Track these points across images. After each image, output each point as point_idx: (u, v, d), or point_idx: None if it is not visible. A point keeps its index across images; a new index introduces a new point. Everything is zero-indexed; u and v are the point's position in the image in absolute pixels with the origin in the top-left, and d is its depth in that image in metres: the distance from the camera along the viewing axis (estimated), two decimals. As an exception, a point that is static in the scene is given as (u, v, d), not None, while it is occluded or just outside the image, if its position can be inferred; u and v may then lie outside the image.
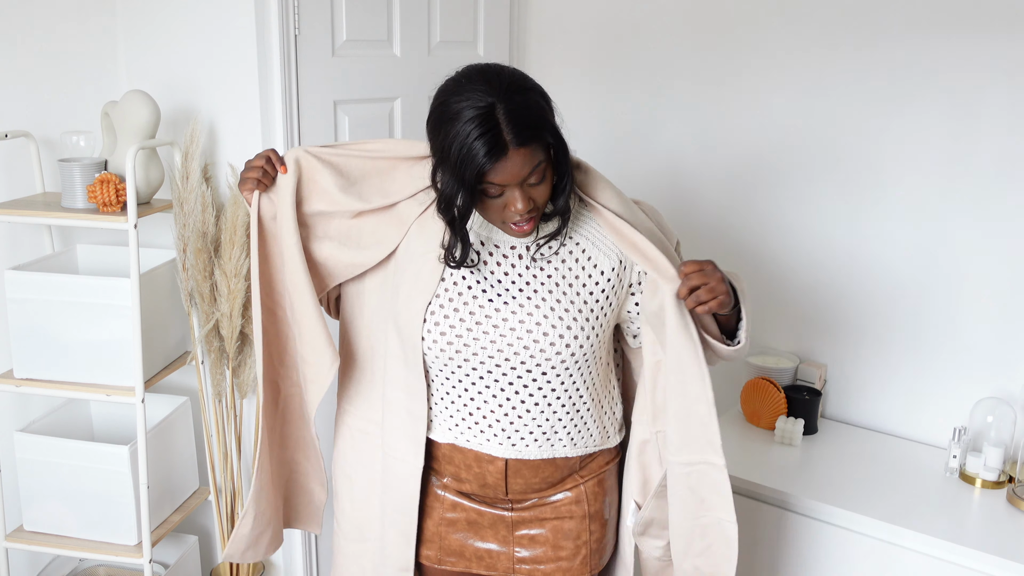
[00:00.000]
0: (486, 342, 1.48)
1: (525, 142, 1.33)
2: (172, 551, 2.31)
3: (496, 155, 1.32)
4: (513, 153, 1.33)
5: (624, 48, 2.61)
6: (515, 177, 1.35)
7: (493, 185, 1.36)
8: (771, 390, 2.31)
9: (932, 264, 2.22)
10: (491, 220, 1.44)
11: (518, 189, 1.37)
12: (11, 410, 2.20)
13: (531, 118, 1.35)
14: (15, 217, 1.98)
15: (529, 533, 1.61)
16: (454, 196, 1.38)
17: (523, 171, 1.35)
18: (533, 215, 1.41)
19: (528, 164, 1.35)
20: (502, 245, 1.52)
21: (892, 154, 2.23)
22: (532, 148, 1.35)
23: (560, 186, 1.43)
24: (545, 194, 1.41)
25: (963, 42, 2.10)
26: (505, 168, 1.34)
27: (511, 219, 1.41)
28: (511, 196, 1.37)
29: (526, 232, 1.43)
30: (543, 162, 1.37)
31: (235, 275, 2.10)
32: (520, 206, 1.37)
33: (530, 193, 1.38)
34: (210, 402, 2.25)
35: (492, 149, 1.32)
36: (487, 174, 1.34)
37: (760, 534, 2.07)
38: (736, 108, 2.44)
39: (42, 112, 2.16)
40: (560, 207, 1.45)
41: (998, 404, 2.10)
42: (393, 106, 2.44)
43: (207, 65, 2.17)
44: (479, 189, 1.37)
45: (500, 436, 1.53)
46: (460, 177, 1.34)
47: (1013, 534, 1.89)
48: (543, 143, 1.36)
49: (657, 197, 2.62)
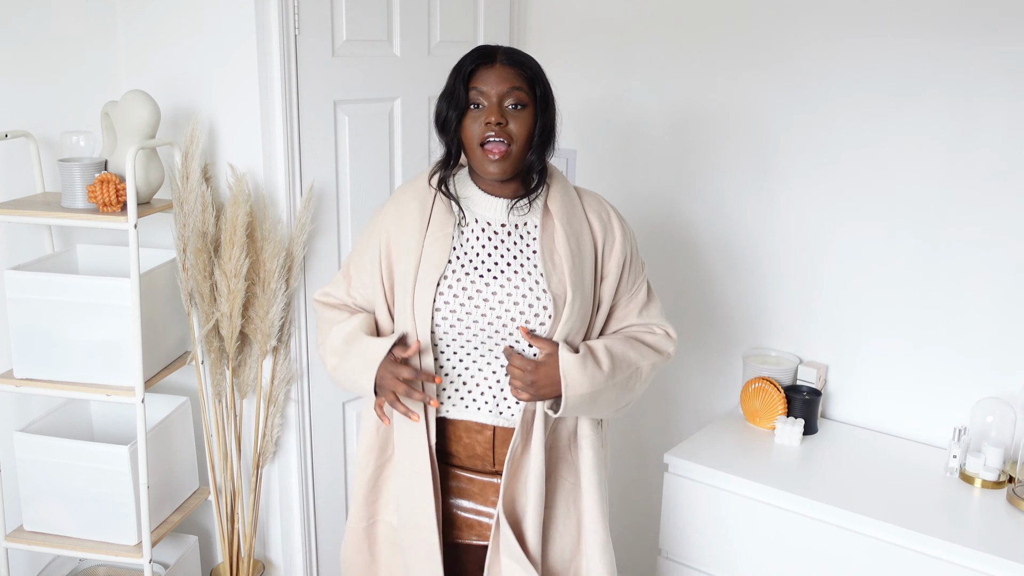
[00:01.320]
0: (485, 311, 1.59)
1: (511, 64, 1.56)
2: (172, 551, 2.31)
3: (484, 60, 1.56)
4: (499, 66, 1.55)
5: (624, 49, 2.61)
6: (496, 86, 1.54)
7: (476, 91, 1.54)
8: (771, 390, 2.31)
9: (932, 263, 2.22)
10: (471, 146, 1.57)
11: (496, 104, 1.54)
12: (11, 410, 2.20)
13: (523, 56, 1.59)
14: (15, 217, 1.98)
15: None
16: (446, 105, 1.57)
17: (503, 84, 1.54)
18: (505, 140, 1.54)
19: (510, 81, 1.54)
20: (493, 223, 1.64)
21: (892, 153, 2.23)
22: (516, 72, 1.55)
23: (538, 140, 1.58)
24: (522, 127, 1.55)
25: (963, 41, 2.10)
26: (489, 75, 1.55)
27: (485, 135, 1.54)
28: (489, 109, 1.54)
29: (496, 160, 1.55)
30: (523, 93, 1.55)
31: (235, 275, 2.10)
32: (493, 118, 1.53)
33: (507, 116, 1.54)
34: (210, 402, 2.25)
35: (482, 56, 1.57)
36: (473, 77, 1.55)
37: (760, 534, 2.07)
38: (735, 107, 2.44)
39: (42, 112, 2.16)
40: (533, 160, 1.59)
41: (998, 404, 2.10)
42: (393, 106, 2.44)
43: (207, 65, 2.17)
44: (465, 97, 1.55)
45: (490, 403, 1.64)
46: (452, 81, 1.57)
47: (1013, 534, 1.89)
48: (527, 77, 1.56)
49: (657, 197, 2.62)
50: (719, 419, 2.43)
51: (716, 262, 2.55)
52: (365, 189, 2.39)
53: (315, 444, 2.37)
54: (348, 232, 2.37)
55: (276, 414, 2.27)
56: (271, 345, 2.20)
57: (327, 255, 2.33)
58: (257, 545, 2.42)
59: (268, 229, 2.14)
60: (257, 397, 2.26)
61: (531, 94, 1.56)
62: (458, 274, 1.61)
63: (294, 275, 2.21)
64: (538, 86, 1.57)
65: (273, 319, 2.17)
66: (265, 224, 2.14)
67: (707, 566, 2.17)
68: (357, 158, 2.36)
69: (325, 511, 2.43)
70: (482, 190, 1.64)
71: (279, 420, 2.28)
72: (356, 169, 2.36)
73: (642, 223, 2.60)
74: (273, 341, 2.19)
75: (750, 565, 2.10)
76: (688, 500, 2.17)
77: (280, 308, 2.17)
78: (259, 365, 2.24)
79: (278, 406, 2.26)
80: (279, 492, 2.37)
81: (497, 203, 1.63)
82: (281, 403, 2.27)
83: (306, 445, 2.35)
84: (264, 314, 2.16)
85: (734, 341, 2.55)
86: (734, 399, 2.55)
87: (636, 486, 2.79)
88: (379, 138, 2.42)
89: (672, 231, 2.61)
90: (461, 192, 1.66)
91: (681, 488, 2.18)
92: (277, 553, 2.41)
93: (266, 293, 2.15)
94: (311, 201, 2.20)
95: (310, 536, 2.40)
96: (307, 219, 2.19)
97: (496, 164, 1.55)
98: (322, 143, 2.26)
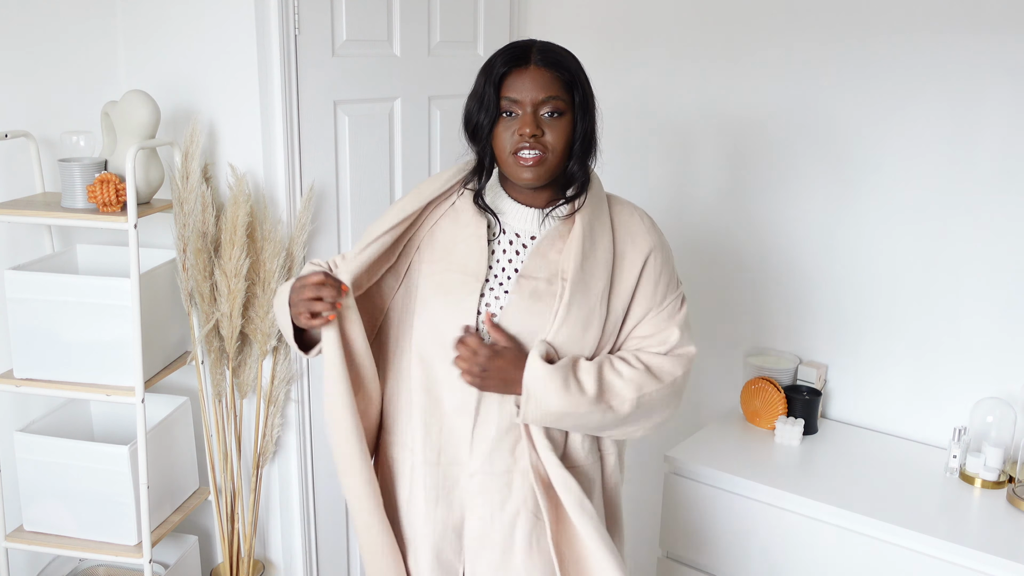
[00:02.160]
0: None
1: (547, 65, 1.41)
2: (172, 551, 2.31)
3: (517, 63, 1.41)
4: (534, 69, 1.41)
5: (624, 49, 2.62)
6: (529, 94, 1.40)
7: (508, 100, 1.41)
8: (771, 390, 2.31)
9: (932, 264, 2.22)
10: (503, 155, 1.44)
11: (531, 114, 1.40)
12: (11, 410, 2.20)
13: (561, 56, 1.43)
14: (15, 217, 1.98)
15: None
16: (476, 109, 1.44)
17: (538, 91, 1.40)
18: (540, 151, 1.42)
19: (545, 87, 1.40)
20: (522, 235, 1.52)
21: (893, 153, 2.23)
22: (553, 76, 1.41)
23: (576, 145, 1.45)
24: (559, 136, 1.42)
25: (964, 41, 2.10)
26: (523, 80, 1.40)
27: (517, 145, 1.41)
28: (523, 119, 1.41)
29: (530, 166, 1.42)
30: (560, 100, 1.41)
31: (235, 275, 2.10)
32: (528, 129, 1.40)
33: (542, 124, 1.41)
34: (210, 402, 2.25)
35: (515, 58, 1.42)
36: (505, 82, 1.41)
37: (760, 534, 2.07)
38: (735, 107, 2.45)
39: (42, 112, 2.16)
40: (574, 171, 1.47)
41: (998, 404, 2.10)
42: (393, 106, 2.44)
43: (207, 65, 2.17)
44: (497, 105, 1.42)
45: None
46: (483, 85, 1.43)
47: (1013, 534, 1.89)
48: (565, 80, 1.42)
49: (655, 198, 2.62)
50: (719, 419, 2.43)
51: (716, 263, 2.55)
52: (365, 189, 2.39)
53: (315, 444, 2.37)
54: (348, 232, 2.37)
55: (276, 414, 2.27)
56: (271, 345, 2.20)
57: (327, 255, 2.33)
58: (257, 545, 2.42)
59: (268, 229, 2.14)
60: (257, 397, 2.26)
61: (569, 100, 1.43)
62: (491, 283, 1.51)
63: (294, 275, 2.21)
64: (577, 90, 1.43)
65: (273, 319, 2.17)
66: (265, 224, 2.14)
67: (707, 566, 2.17)
68: (357, 158, 2.36)
69: (325, 511, 2.43)
70: (514, 199, 1.53)
71: (279, 420, 2.29)
72: (356, 169, 2.36)
73: (642, 223, 2.60)
74: (273, 341, 2.19)
75: (750, 565, 2.10)
76: (688, 500, 2.17)
77: (280, 308, 2.17)
78: (259, 365, 2.24)
79: (278, 406, 2.26)
80: (279, 492, 2.37)
81: (529, 214, 1.52)
82: (281, 403, 2.27)
83: (306, 445, 2.35)
84: (264, 314, 2.16)
85: (734, 341, 2.55)
86: (734, 399, 2.55)
87: (636, 486, 2.79)
88: (379, 138, 2.42)
89: (671, 232, 2.61)
90: (492, 202, 1.54)
91: (681, 488, 2.18)
92: (277, 553, 2.41)
93: (266, 293, 2.15)
94: (311, 201, 2.20)
95: (310, 536, 2.40)
96: (307, 219, 2.19)
97: (531, 170, 1.43)
98: (322, 143, 2.26)
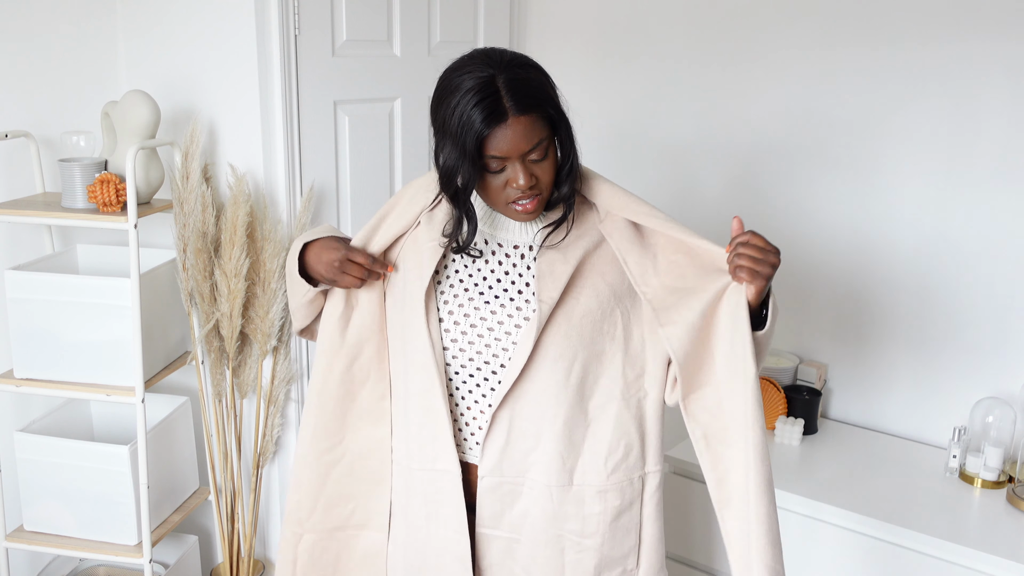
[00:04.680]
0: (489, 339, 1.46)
1: (525, 110, 1.32)
2: (172, 551, 2.31)
3: (495, 120, 1.31)
4: (513, 121, 1.31)
5: (624, 50, 2.61)
6: (516, 148, 1.33)
7: (494, 159, 1.34)
8: (771, 390, 2.31)
9: (932, 264, 2.22)
10: (494, 203, 1.40)
11: (520, 163, 1.34)
12: (11, 410, 2.20)
13: (531, 89, 1.33)
14: (15, 217, 1.98)
15: None
16: (456, 169, 1.35)
17: (524, 143, 1.33)
18: (536, 193, 1.37)
19: (529, 136, 1.33)
20: (505, 244, 1.49)
21: (893, 153, 2.23)
22: (532, 119, 1.33)
23: (564, 169, 1.40)
24: (549, 173, 1.38)
25: (964, 41, 2.10)
26: (506, 137, 1.32)
27: (513, 197, 1.37)
28: (513, 171, 1.35)
29: (530, 212, 1.38)
30: (545, 139, 1.35)
31: (235, 275, 2.10)
32: (522, 181, 1.34)
33: (532, 170, 1.36)
34: (210, 402, 2.25)
35: (491, 115, 1.30)
36: (487, 143, 1.32)
37: (760, 534, 2.07)
38: (736, 107, 2.44)
39: (42, 112, 2.16)
40: (565, 193, 1.42)
41: (998, 404, 2.10)
42: (393, 106, 2.44)
43: (207, 65, 2.17)
44: (481, 164, 1.35)
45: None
46: (461, 147, 1.32)
47: (1013, 534, 1.89)
48: (544, 116, 1.35)
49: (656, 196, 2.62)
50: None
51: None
52: (365, 189, 2.39)
53: (315, 444, 2.37)
54: (348, 232, 2.37)
55: (276, 414, 2.27)
56: (271, 345, 2.20)
57: (327, 255, 2.33)
58: (257, 545, 2.42)
59: (268, 229, 2.14)
60: (257, 397, 2.26)
61: (550, 132, 1.36)
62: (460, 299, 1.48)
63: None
64: (553, 118, 1.36)
65: (273, 319, 2.17)
66: (265, 224, 2.15)
67: (707, 566, 2.17)
68: (357, 158, 2.36)
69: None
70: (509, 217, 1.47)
71: (279, 420, 2.29)
72: (356, 169, 2.36)
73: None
74: (273, 341, 2.19)
75: (750, 565, 2.10)
76: (688, 500, 2.17)
77: (280, 308, 2.17)
78: (259, 365, 2.24)
79: (278, 406, 2.26)
80: (279, 492, 2.37)
81: (528, 227, 1.48)
82: (281, 403, 2.27)
83: (306, 445, 2.35)
84: (264, 314, 2.16)
85: (734, 341, 2.55)
86: (734, 399, 2.54)
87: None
88: (379, 138, 2.42)
89: (672, 231, 2.61)
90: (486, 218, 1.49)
91: (681, 488, 2.18)
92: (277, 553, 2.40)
93: (266, 293, 2.15)
94: (311, 201, 2.20)
95: (310, 536, 2.40)
96: (307, 219, 2.19)
97: (529, 215, 1.39)
98: (322, 143, 2.26)
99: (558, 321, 1.43)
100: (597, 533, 1.48)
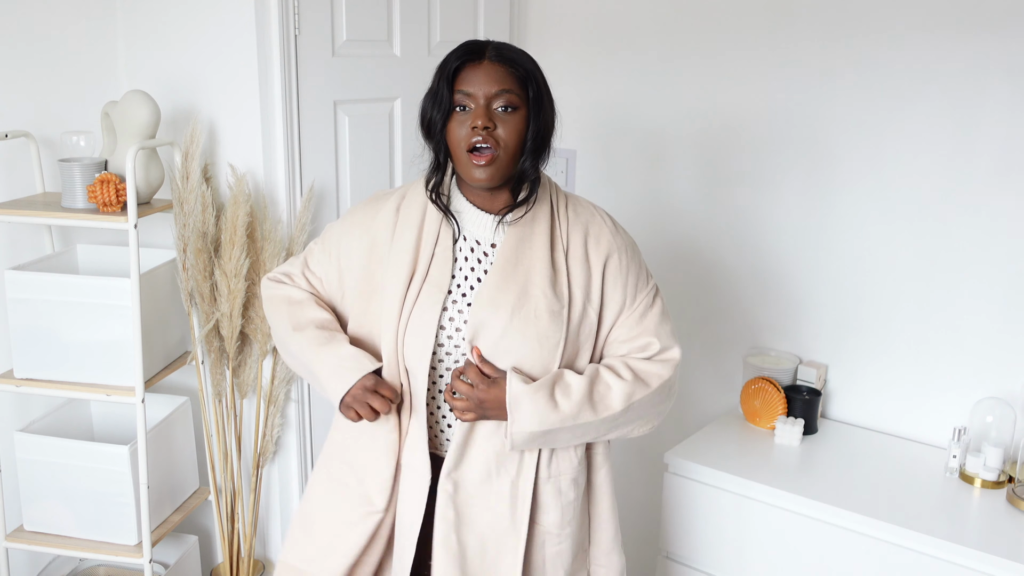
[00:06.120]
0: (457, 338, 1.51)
1: (502, 60, 1.43)
2: (172, 551, 2.32)
3: (470, 58, 1.43)
4: (488, 64, 1.43)
5: (624, 50, 2.61)
6: (482, 87, 1.41)
7: (462, 93, 1.42)
8: (771, 390, 2.31)
9: (932, 263, 2.22)
10: (457, 151, 1.45)
11: (484, 107, 1.42)
12: (11, 410, 2.20)
13: (514, 52, 1.45)
14: (15, 217, 1.98)
15: None
16: (431, 104, 1.45)
17: (492, 85, 1.41)
18: (492, 145, 1.42)
19: (499, 81, 1.42)
20: (483, 242, 1.53)
21: (893, 154, 2.23)
22: (506, 70, 1.43)
23: (531, 145, 1.46)
24: (512, 133, 1.43)
25: (964, 41, 2.09)
26: (476, 74, 1.42)
27: (472, 140, 1.42)
28: (476, 112, 1.42)
29: (483, 168, 1.43)
30: (515, 95, 1.43)
31: (235, 275, 2.10)
32: (480, 122, 1.41)
33: (495, 119, 1.42)
34: (210, 402, 2.25)
35: (469, 53, 1.44)
36: (459, 76, 1.43)
37: (760, 534, 2.07)
38: (735, 105, 2.44)
39: (42, 112, 2.16)
40: (526, 168, 1.47)
41: (998, 404, 2.10)
42: (393, 106, 2.44)
43: (207, 65, 2.17)
44: (451, 99, 1.43)
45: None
46: (437, 79, 1.44)
47: (1013, 534, 1.89)
48: (519, 76, 1.43)
49: (656, 198, 2.62)
50: (719, 419, 2.43)
51: (716, 263, 2.55)
52: (365, 189, 2.39)
53: (315, 444, 2.37)
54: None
55: (276, 414, 2.27)
56: (271, 345, 2.20)
57: (327, 255, 2.33)
58: (257, 545, 2.42)
59: (268, 229, 2.14)
60: (257, 397, 2.26)
61: (523, 95, 1.43)
62: (454, 295, 1.51)
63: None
64: (531, 86, 1.44)
65: (273, 319, 2.17)
66: (265, 224, 2.15)
67: (707, 566, 2.17)
68: (357, 158, 2.36)
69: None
70: (472, 203, 1.53)
71: (279, 420, 2.29)
72: (356, 169, 2.36)
73: (641, 224, 2.60)
74: (273, 341, 2.19)
75: (750, 565, 2.10)
76: (688, 500, 2.17)
77: (280, 308, 2.17)
78: (259, 365, 2.24)
79: (278, 406, 2.26)
80: (279, 492, 2.37)
81: (486, 220, 1.52)
82: (281, 403, 2.27)
83: (306, 445, 2.35)
84: (264, 314, 2.16)
85: (734, 341, 2.55)
86: (734, 399, 2.55)
87: (636, 486, 2.79)
88: (379, 138, 2.42)
89: (672, 232, 2.61)
90: (453, 205, 1.55)
91: (681, 488, 2.18)
92: (277, 553, 2.41)
93: (266, 293, 2.15)
94: (311, 201, 2.20)
95: (310, 536, 2.40)
96: (307, 219, 2.19)
97: (483, 170, 1.43)
98: (322, 143, 2.27)
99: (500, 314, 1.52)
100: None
